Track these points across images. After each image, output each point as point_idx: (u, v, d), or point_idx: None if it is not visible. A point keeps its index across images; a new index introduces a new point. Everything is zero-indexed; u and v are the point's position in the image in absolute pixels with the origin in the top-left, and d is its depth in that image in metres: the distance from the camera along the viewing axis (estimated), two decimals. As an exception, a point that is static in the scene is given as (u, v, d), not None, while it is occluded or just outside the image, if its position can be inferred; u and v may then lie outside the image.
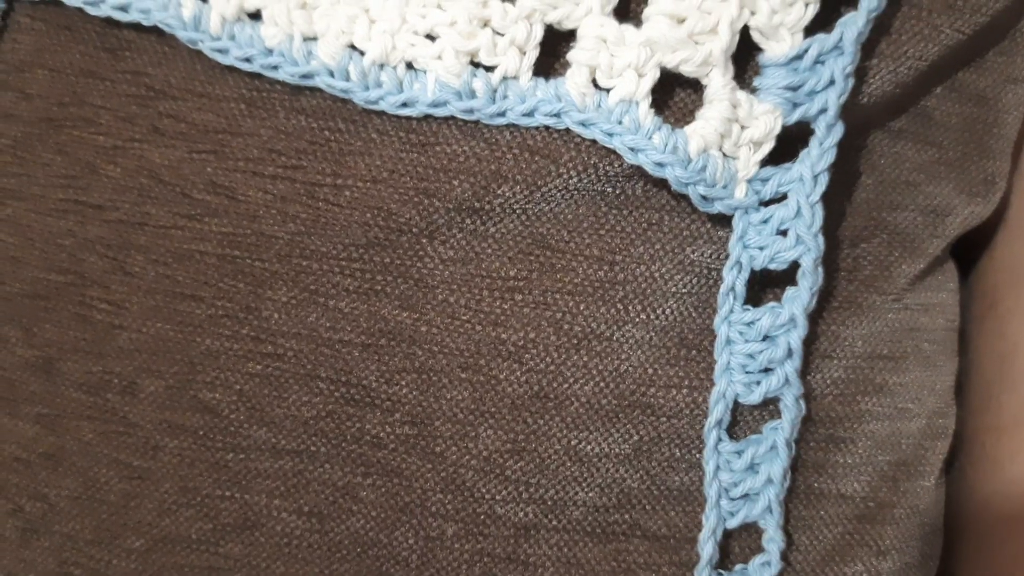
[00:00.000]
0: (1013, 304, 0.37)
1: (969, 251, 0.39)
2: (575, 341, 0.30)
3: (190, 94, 0.31)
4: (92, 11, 0.31)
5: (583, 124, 0.28)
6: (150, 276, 0.31)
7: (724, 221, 0.30)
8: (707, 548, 0.30)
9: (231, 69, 0.30)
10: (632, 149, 0.28)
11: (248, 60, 0.30)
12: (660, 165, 0.28)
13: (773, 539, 0.31)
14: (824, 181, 0.29)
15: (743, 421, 0.31)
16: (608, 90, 0.28)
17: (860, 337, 0.32)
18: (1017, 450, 0.36)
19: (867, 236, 0.32)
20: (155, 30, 0.31)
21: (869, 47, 0.29)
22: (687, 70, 0.28)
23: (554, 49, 0.29)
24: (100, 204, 0.31)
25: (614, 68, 0.28)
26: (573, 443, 0.30)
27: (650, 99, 0.28)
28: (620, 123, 0.28)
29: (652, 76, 0.28)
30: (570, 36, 0.28)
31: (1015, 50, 0.33)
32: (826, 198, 0.29)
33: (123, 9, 0.31)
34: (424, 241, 0.30)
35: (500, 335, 0.30)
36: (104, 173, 0.31)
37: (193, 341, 0.31)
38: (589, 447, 0.30)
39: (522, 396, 0.30)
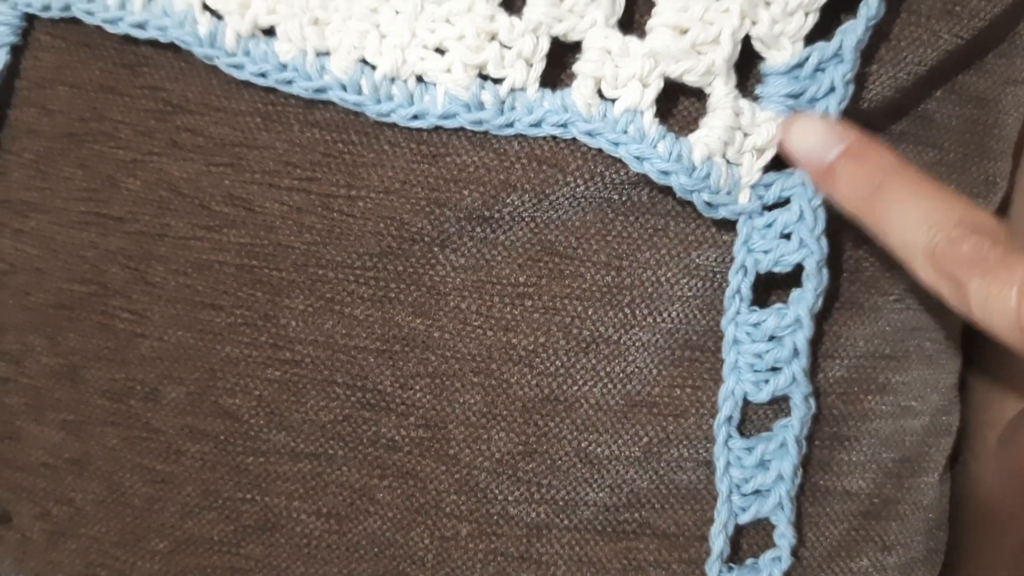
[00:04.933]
0: None
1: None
2: (584, 345, 0.31)
3: (207, 108, 0.31)
4: (111, 29, 0.31)
5: (589, 134, 0.29)
6: (171, 286, 0.32)
7: (729, 225, 0.30)
8: (718, 542, 0.31)
9: (246, 84, 0.31)
10: (637, 158, 0.29)
11: (263, 75, 0.30)
12: (665, 173, 0.29)
13: (784, 535, 0.31)
14: (826, 186, 0.29)
15: (752, 420, 0.32)
16: (613, 100, 0.29)
17: (862, 337, 0.33)
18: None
19: (869, 238, 0.33)
20: (172, 46, 0.31)
21: (869, 53, 0.30)
22: (690, 80, 0.29)
23: (560, 60, 0.29)
24: (121, 216, 0.32)
25: (619, 79, 0.29)
26: (583, 445, 0.31)
27: (654, 108, 0.29)
28: (625, 132, 0.29)
29: (656, 86, 0.29)
30: (575, 48, 0.29)
31: (1014, 52, 0.33)
32: (828, 201, 0.30)
33: (141, 27, 0.31)
34: (436, 249, 0.30)
35: (511, 340, 0.31)
36: (124, 186, 0.32)
37: (213, 348, 0.32)
38: (599, 449, 0.31)
39: (533, 399, 0.31)
